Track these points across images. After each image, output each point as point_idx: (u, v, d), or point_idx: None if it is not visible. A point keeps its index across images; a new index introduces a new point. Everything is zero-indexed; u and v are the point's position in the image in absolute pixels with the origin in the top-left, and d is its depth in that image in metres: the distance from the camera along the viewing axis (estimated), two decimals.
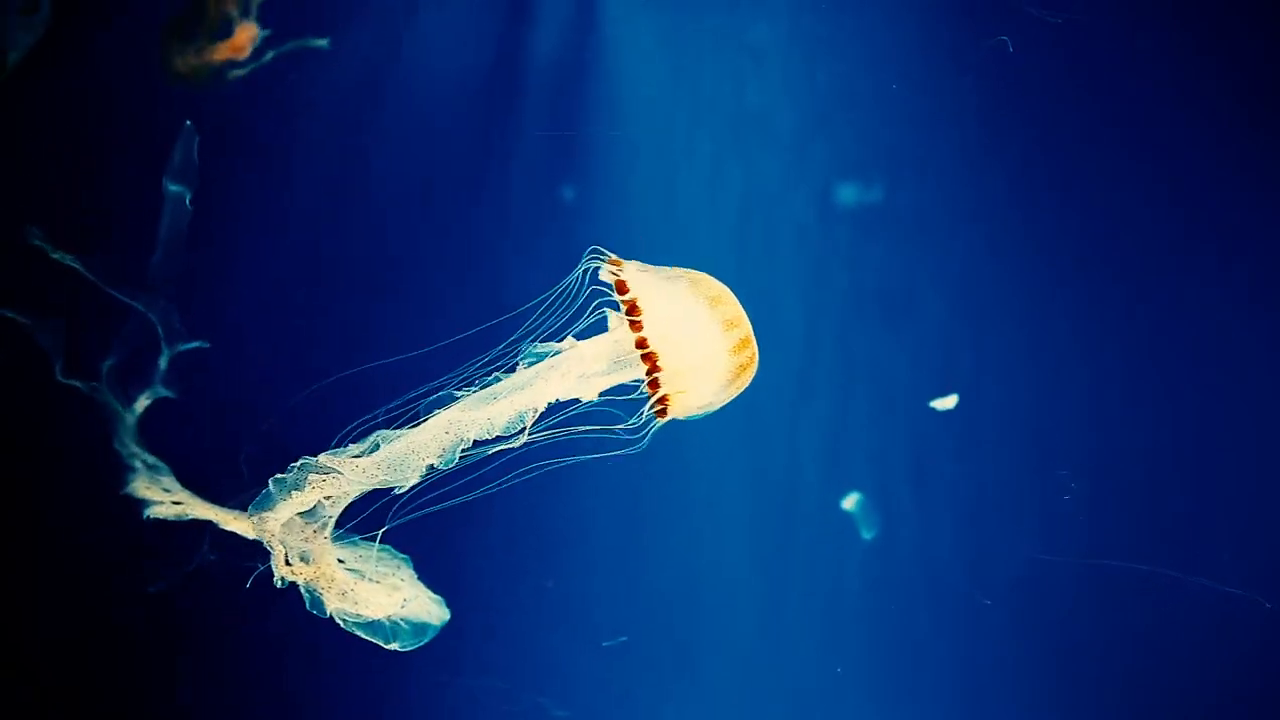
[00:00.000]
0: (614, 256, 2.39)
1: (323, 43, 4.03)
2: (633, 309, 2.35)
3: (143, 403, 3.37)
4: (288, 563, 2.44)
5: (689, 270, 2.48)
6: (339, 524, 2.46)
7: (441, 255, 4.25)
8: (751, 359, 2.48)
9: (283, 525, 2.40)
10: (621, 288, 2.37)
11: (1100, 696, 4.24)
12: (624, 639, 4.34)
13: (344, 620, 2.51)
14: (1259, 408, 4.05)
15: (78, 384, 3.42)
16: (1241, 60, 3.96)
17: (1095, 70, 4.00)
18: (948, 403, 4.28)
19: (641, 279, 2.37)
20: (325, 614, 2.48)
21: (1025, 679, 4.30)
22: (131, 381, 3.45)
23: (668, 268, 2.46)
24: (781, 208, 4.41)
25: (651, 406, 2.39)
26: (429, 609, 2.62)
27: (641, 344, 2.34)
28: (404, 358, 2.60)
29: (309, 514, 2.43)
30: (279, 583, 2.45)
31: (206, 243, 3.94)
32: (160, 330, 3.54)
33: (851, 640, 4.45)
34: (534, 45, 4.25)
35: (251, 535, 2.54)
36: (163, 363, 3.49)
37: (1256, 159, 3.96)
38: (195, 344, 3.58)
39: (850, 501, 4.39)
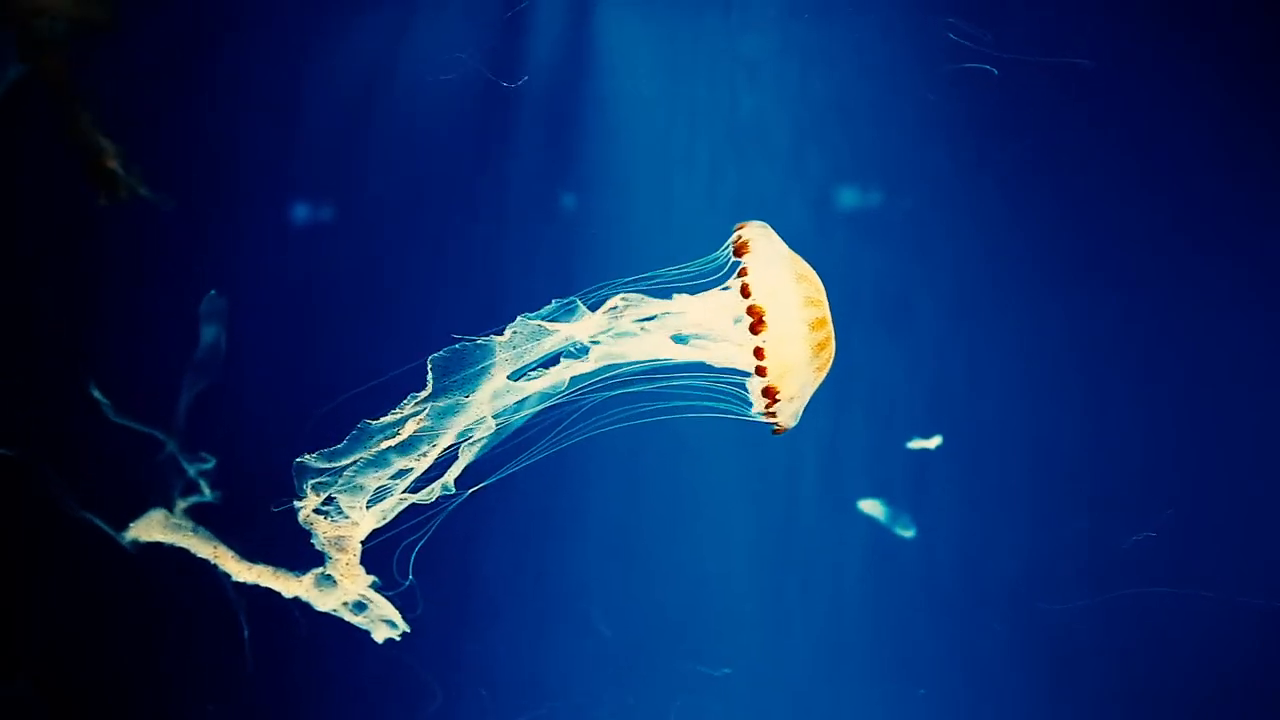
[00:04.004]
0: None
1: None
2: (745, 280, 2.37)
3: (181, 506, 3.35)
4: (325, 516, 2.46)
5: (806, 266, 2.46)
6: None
7: (439, 264, 4.26)
8: (821, 350, 2.45)
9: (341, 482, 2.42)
10: (741, 250, 2.38)
11: (1100, 697, 4.24)
12: (727, 670, 4.36)
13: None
14: (1259, 413, 4.06)
15: (97, 520, 3.40)
16: (1239, 65, 3.97)
17: (1090, 76, 4.02)
18: (929, 444, 4.29)
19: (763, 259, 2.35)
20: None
21: (1025, 680, 4.30)
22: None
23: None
24: (777, 215, 4.40)
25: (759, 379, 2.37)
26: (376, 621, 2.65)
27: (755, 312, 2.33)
28: (405, 370, 2.61)
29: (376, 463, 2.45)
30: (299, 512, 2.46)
31: (200, 254, 3.95)
32: (182, 458, 3.52)
33: (853, 644, 4.45)
34: (530, 55, 4.26)
35: (243, 578, 2.56)
36: (193, 473, 3.48)
37: (1255, 167, 3.97)
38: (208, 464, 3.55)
39: (874, 507, 4.38)
